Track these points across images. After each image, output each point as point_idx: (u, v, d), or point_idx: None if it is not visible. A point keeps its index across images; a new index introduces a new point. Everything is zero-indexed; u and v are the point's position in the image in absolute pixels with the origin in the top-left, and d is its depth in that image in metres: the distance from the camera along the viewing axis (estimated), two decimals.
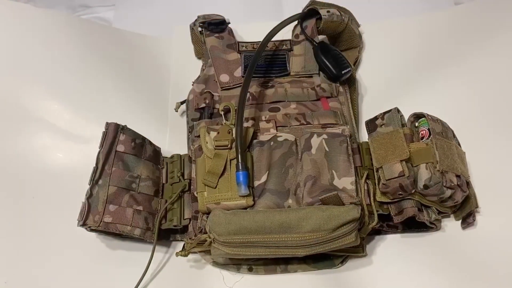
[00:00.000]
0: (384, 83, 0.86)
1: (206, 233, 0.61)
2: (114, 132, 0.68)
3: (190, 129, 0.75)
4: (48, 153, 0.78)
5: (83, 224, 0.62)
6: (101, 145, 0.67)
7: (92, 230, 0.64)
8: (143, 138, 0.71)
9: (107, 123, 0.69)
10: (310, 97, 0.75)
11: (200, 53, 0.90)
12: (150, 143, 0.72)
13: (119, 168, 0.66)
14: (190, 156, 0.70)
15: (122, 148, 0.68)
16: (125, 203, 0.65)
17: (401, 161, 0.62)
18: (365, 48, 0.90)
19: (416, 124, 0.68)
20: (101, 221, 0.62)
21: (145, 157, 0.70)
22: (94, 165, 0.66)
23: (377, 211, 0.64)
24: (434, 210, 0.65)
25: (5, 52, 0.84)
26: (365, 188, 0.65)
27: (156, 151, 0.72)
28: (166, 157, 0.73)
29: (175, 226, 0.66)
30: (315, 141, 0.66)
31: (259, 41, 0.76)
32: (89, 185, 0.64)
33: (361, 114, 0.82)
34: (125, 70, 0.88)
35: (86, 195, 0.64)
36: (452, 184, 0.62)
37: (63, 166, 0.77)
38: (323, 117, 0.72)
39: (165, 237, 0.69)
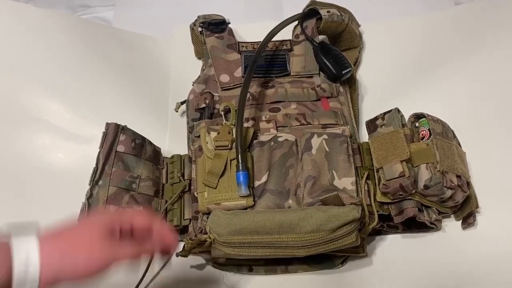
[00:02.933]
0: (384, 83, 0.86)
1: (206, 233, 0.61)
2: (114, 132, 0.68)
3: (190, 129, 0.75)
4: (48, 153, 0.78)
5: None
6: (101, 146, 0.67)
7: None
8: (143, 138, 0.71)
9: (107, 123, 0.69)
10: (310, 97, 0.75)
11: (200, 53, 0.90)
12: (150, 143, 0.72)
13: (119, 169, 0.66)
14: (190, 156, 0.70)
15: (122, 148, 0.68)
16: (125, 203, 0.65)
17: (401, 161, 0.63)
18: (365, 48, 0.90)
19: (417, 124, 0.68)
20: None
21: (145, 157, 0.70)
22: (94, 166, 0.66)
23: (377, 211, 0.64)
24: (435, 210, 0.65)
25: (5, 51, 0.84)
26: (366, 188, 0.65)
27: (156, 151, 0.72)
28: (166, 157, 0.73)
29: (175, 226, 0.66)
30: (316, 141, 0.66)
31: (259, 41, 0.76)
32: (89, 185, 0.64)
33: (361, 114, 0.82)
34: (125, 70, 0.88)
35: (86, 195, 0.64)
36: (453, 185, 0.62)
37: (63, 166, 0.77)
38: (324, 117, 0.72)
39: None
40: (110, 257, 0.43)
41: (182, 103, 0.80)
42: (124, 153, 0.68)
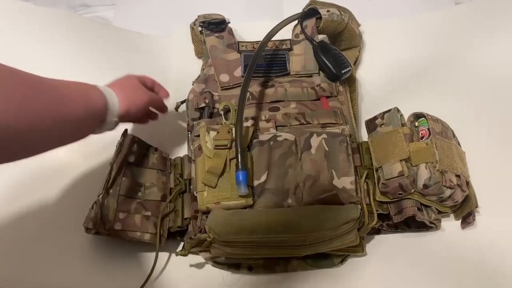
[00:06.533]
0: (384, 83, 0.86)
1: (206, 232, 0.61)
2: (130, 144, 0.69)
3: (190, 129, 0.75)
4: (48, 153, 0.78)
5: (96, 233, 0.62)
6: (116, 156, 0.67)
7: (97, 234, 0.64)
8: (148, 147, 0.71)
9: (124, 135, 0.69)
10: (310, 97, 0.75)
11: (200, 53, 0.90)
12: (156, 150, 0.72)
13: (128, 178, 0.67)
14: (190, 156, 0.70)
15: (133, 158, 0.69)
16: (134, 210, 0.66)
17: (400, 160, 0.63)
18: (365, 47, 0.90)
19: (416, 123, 0.68)
20: (112, 229, 0.63)
21: (148, 165, 0.70)
22: (107, 175, 0.66)
23: (376, 210, 0.64)
24: (434, 209, 0.65)
25: (4, 50, 0.84)
26: (365, 187, 0.65)
27: (163, 157, 0.72)
28: (173, 160, 0.73)
29: (179, 227, 0.66)
30: (315, 140, 0.66)
31: (259, 41, 0.76)
32: (101, 194, 0.64)
33: (361, 113, 0.82)
34: (125, 69, 0.87)
35: (97, 203, 0.63)
36: (452, 184, 0.62)
37: (63, 166, 0.76)
38: (323, 116, 0.72)
39: (171, 237, 0.68)
40: (149, 97, 0.68)
41: (182, 102, 0.80)
42: (133, 163, 0.68)
